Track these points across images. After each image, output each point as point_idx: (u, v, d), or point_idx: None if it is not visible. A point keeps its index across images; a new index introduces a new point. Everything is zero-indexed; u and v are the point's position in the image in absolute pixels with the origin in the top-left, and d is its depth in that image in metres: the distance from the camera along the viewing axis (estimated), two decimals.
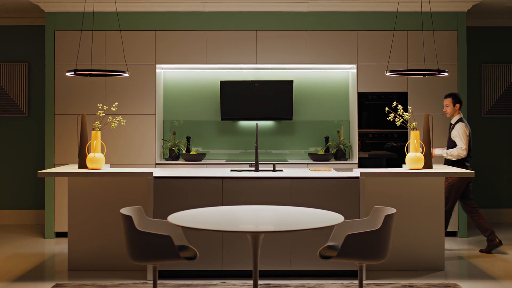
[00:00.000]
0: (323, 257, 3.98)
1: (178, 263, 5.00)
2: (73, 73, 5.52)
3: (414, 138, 5.40)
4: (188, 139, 7.36)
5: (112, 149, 6.95)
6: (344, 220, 3.92)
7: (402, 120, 5.47)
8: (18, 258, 5.97)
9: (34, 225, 7.76)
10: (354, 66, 7.13)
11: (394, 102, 5.64)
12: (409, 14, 7.02)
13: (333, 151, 7.33)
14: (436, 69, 5.61)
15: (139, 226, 4.07)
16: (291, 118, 7.38)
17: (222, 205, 5.16)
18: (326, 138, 7.43)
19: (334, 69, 7.49)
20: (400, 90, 7.06)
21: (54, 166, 6.99)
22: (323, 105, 7.55)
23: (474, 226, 7.59)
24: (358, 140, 7.09)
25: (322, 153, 7.21)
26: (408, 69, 6.70)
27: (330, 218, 3.92)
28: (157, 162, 7.00)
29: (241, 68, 7.41)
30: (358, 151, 7.08)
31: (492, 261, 5.78)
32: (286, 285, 4.95)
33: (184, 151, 7.29)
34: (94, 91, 7.04)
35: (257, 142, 5.60)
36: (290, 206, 5.01)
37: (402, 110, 5.47)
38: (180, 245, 4.15)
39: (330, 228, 3.97)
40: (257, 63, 7.09)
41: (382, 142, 7.13)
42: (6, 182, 7.86)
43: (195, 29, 7.09)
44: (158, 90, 7.17)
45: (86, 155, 5.46)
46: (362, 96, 7.07)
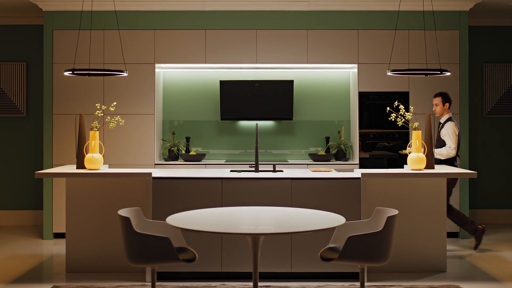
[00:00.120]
0: (324, 259, 3.94)
1: (177, 265, 4.95)
2: (71, 72, 5.48)
3: (416, 138, 5.34)
4: (187, 139, 7.31)
5: (110, 149, 6.90)
6: (345, 221, 3.87)
7: (403, 120, 5.42)
8: (15, 259, 5.93)
9: (32, 226, 7.71)
10: (355, 65, 7.08)
11: (396, 102, 5.60)
12: (410, 13, 6.97)
13: (333, 152, 7.28)
14: (438, 68, 5.55)
15: (137, 228, 4.02)
16: (292, 118, 7.33)
17: (222, 206, 5.11)
18: (327, 138, 7.38)
19: (335, 68, 7.44)
20: (401, 90, 7.01)
21: (52, 167, 6.93)
22: (324, 105, 7.50)
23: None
24: (359, 140, 7.04)
25: (323, 153, 7.17)
26: (409, 68, 6.64)
27: (331, 219, 3.87)
28: (156, 163, 6.94)
29: (241, 67, 7.36)
30: (359, 152, 7.03)
31: (494, 262, 5.73)
32: (287, 287, 4.91)
33: (183, 152, 7.24)
34: (92, 91, 6.99)
35: (257, 142, 5.55)
36: (291, 207, 4.97)
37: (403, 110, 5.41)
38: (179, 246, 4.11)
39: (331, 229, 3.92)
40: (257, 63, 7.04)
41: (383, 143, 7.08)
42: (4, 182, 7.80)
43: (195, 28, 7.04)
44: (157, 90, 7.12)
45: (84, 156, 5.41)
46: (363, 96, 7.02)
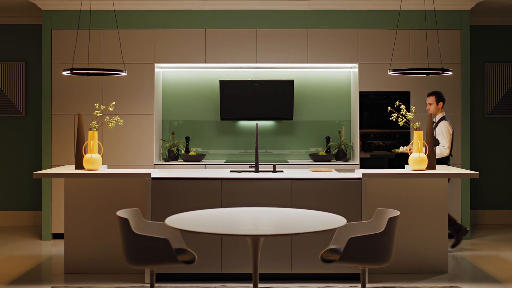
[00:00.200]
0: (325, 261, 3.90)
1: (176, 266, 4.91)
2: (70, 72, 5.44)
3: (417, 138, 5.29)
4: (187, 139, 7.27)
5: (109, 149, 6.86)
6: (346, 222, 3.83)
7: (405, 120, 5.38)
8: (14, 260, 5.89)
9: (31, 226, 7.68)
10: (356, 65, 7.04)
11: (397, 102, 5.56)
12: (411, 12, 6.93)
13: (334, 152, 7.24)
14: (440, 68, 5.51)
15: (136, 229, 3.98)
16: (292, 118, 7.29)
17: (222, 206, 5.07)
18: (327, 138, 7.34)
19: (336, 68, 7.39)
20: (402, 90, 6.97)
21: (51, 167, 6.90)
22: (324, 104, 7.46)
23: (478, 228, 7.52)
24: (360, 140, 7.00)
25: (323, 153, 7.13)
26: (411, 68, 6.60)
27: (332, 220, 3.83)
28: (155, 163, 6.90)
29: (241, 67, 7.32)
30: (360, 152, 6.99)
31: (495, 263, 5.70)
32: None
33: (183, 152, 7.20)
34: (91, 91, 6.95)
35: (257, 142, 5.51)
36: (291, 208, 4.94)
37: (405, 110, 5.37)
38: (178, 248, 4.07)
39: (332, 231, 3.87)
40: (257, 62, 7.00)
41: (383, 142, 7.04)
42: (3, 183, 7.77)
43: (195, 27, 7.00)
44: (156, 90, 7.08)
45: (83, 156, 5.37)
46: (363, 95, 6.98)
